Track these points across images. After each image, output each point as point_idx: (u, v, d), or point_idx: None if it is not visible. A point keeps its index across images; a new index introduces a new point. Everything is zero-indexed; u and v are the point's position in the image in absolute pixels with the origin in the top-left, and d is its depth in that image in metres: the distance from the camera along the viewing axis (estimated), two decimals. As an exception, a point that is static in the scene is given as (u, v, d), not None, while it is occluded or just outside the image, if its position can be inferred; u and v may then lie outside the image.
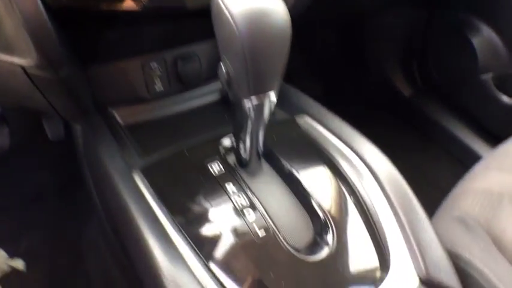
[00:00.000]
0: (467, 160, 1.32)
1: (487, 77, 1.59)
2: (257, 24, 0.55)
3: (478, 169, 0.98)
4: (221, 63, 0.62)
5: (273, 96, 0.63)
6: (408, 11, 1.87)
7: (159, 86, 0.99)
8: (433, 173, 1.69)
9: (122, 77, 0.95)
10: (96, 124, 0.93)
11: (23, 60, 0.76)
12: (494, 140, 1.60)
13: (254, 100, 0.62)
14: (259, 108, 0.64)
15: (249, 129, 0.68)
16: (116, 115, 0.98)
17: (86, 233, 1.43)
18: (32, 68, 0.77)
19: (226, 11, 0.55)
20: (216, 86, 1.07)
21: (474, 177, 0.95)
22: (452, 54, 1.73)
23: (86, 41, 0.87)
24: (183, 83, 1.00)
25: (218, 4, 0.57)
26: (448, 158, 1.74)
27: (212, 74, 1.03)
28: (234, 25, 0.54)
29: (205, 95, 1.06)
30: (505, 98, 1.56)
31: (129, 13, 0.82)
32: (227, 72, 0.61)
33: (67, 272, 1.39)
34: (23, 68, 0.77)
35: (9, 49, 0.76)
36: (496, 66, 1.57)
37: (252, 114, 0.65)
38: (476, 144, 1.69)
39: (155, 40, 0.96)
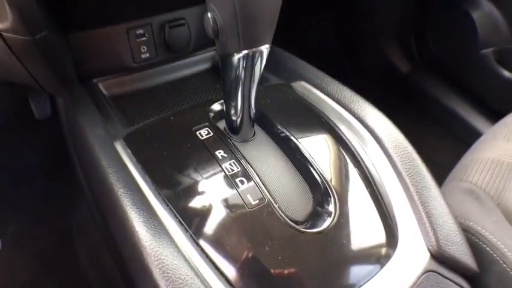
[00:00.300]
0: (468, 137, 1.28)
1: (488, 51, 1.56)
2: None
3: (486, 139, 0.93)
4: (207, 13, 0.55)
5: (265, 52, 0.57)
6: None
7: (145, 54, 0.93)
8: (433, 150, 1.63)
9: (106, 44, 0.90)
10: (78, 95, 0.88)
11: None
12: (494, 115, 1.55)
13: (244, 55, 0.56)
14: (249, 66, 0.58)
15: (239, 90, 0.62)
16: (101, 86, 0.93)
17: (75, 215, 1.40)
18: (8, 32, 0.71)
19: None
20: (207, 54, 1.02)
21: (482, 147, 0.90)
22: (452, 29, 1.68)
23: (66, 3, 0.82)
24: (171, 50, 0.95)
25: None
26: (447, 135, 1.70)
27: (202, 42, 0.99)
28: None
29: (195, 64, 1.02)
30: (505, 73, 1.53)
31: None
32: (214, 21, 0.54)
33: (56, 254, 1.36)
34: None
35: None
36: (496, 41, 1.53)
37: (242, 72, 0.59)
38: (477, 121, 1.65)
39: (141, 5, 0.91)
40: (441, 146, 1.67)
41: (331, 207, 0.61)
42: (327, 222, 0.59)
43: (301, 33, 2.01)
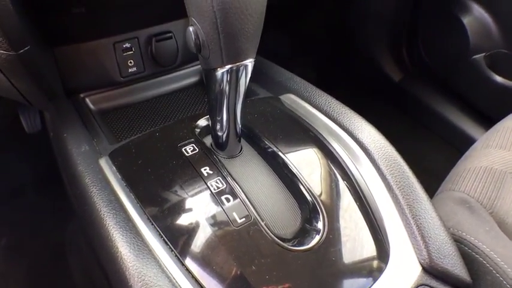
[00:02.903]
0: (460, 143, 1.28)
1: (479, 57, 1.55)
2: None
3: (478, 147, 0.92)
4: (190, 27, 0.54)
5: (249, 66, 0.56)
6: None
7: (132, 68, 0.93)
8: (426, 157, 1.65)
9: (92, 58, 0.90)
10: (64, 110, 0.87)
11: None
12: (487, 122, 1.56)
13: (228, 69, 0.55)
14: (234, 80, 0.57)
15: (224, 105, 0.61)
16: (88, 101, 0.93)
17: (67, 228, 1.38)
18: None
19: None
20: (194, 68, 1.02)
21: (474, 156, 0.89)
22: (443, 35, 1.68)
23: (50, 17, 0.82)
24: (158, 64, 0.95)
25: None
26: (440, 142, 1.70)
27: (190, 55, 0.98)
28: None
29: (183, 78, 1.01)
30: (497, 78, 1.52)
31: None
32: (196, 35, 0.53)
33: (48, 269, 1.35)
34: None
35: None
36: (487, 46, 1.53)
37: (226, 87, 0.57)
38: (469, 127, 1.65)
39: (127, 18, 0.91)
40: (434, 152, 1.67)
41: (319, 224, 0.60)
42: (316, 240, 0.58)
43: (294, 43, 2.01)
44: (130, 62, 0.92)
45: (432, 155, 1.64)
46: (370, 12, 1.92)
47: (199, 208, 0.60)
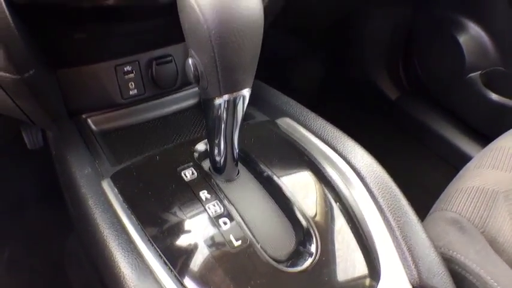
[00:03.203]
0: (456, 161, 1.31)
1: (475, 75, 1.58)
2: (225, 9, 0.50)
3: (470, 167, 0.95)
4: (189, 59, 0.57)
5: (246, 95, 0.59)
6: (392, 10, 1.88)
7: (133, 91, 0.96)
8: (422, 175, 1.68)
9: (94, 81, 0.93)
10: (67, 131, 0.90)
11: None
12: (483, 139, 1.59)
13: (226, 99, 0.58)
14: (231, 109, 0.60)
15: (222, 131, 0.63)
16: (89, 121, 0.95)
17: (67, 243, 1.40)
18: None
19: None
20: (193, 90, 1.05)
21: (467, 176, 0.92)
22: (439, 54, 1.73)
23: (54, 42, 0.85)
24: (158, 86, 0.98)
25: None
26: (436, 160, 1.73)
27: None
28: (198, 11, 0.50)
29: (183, 100, 1.04)
30: (493, 96, 1.55)
31: (97, 10, 0.80)
32: (195, 67, 0.56)
33: (48, 283, 1.37)
34: None
35: None
36: (483, 64, 1.57)
37: (224, 115, 0.60)
38: (465, 145, 1.68)
39: (128, 42, 0.94)
40: (430, 170, 1.71)
41: (313, 247, 0.62)
42: (309, 261, 0.61)
43: (291, 65, 2.05)
44: (131, 85, 0.95)
45: (428, 173, 1.68)
46: (367, 34, 1.98)
47: (197, 230, 0.63)
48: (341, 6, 1.80)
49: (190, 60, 0.57)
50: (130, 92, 0.96)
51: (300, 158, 0.77)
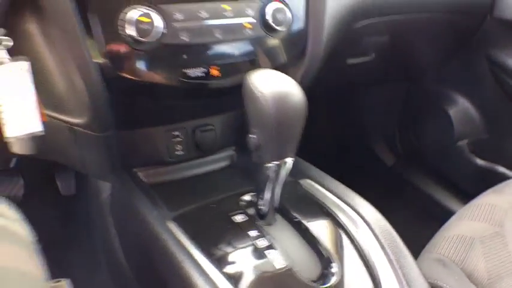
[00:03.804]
0: (444, 217, 1.44)
1: (463, 143, 1.75)
2: (283, 102, 0.73)
3: (452, 220, 1.14)
4: (250, 135, 0.79)
5: (290, 162, 0.81)
6: (390, 85, 2.01)
7: (179, 152, 1.08)
8: (412, 230, 1.69)
9: (148, 141, 1.05)
10: (126, 181, 1.02)
11: (73, 119, 0.87)
12: (468, 198, 1.66)
13: (275, 164, 0.80)
14: (278, 171, 0.81)
15: (269, 188, 0.84)
16: (140, 175, 1.07)
17: (92, 284, 1.45)
18: (80, 127, 0.88)
19: (258, 92, 0.74)
20: (227, 153, 1.19)
21: (449, 227, 1.11)
22: (431, 124, 1.87)
23: (127, 108, 0.95)
24: (200, 150, 1.11)
25: (250, 86, 0.76)
26: (425, 217, 1.82)
27: (225, 143, 1.18)
28: (265, 103, 0.73)
29: (218, 161, 1.19)
30: (478, 161, 1.72)
31: (173, 89, 0.91)
32: (256, 141, 0.78)
33: None
34: (70, 125, 0.88)
35: (59, 108, 0.88)
36: (471, 133, 1.72)
37: (272, 175, 0.82)
38: (451, 203, 1.81)
39: (181, 113, 1.07)
40: (419, 226, 1.72)
41: (334, 269, 0.82)
42: (333, 280, 0.80)
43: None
44: (178, 147, 1.07)
45: (417, 227, 1.70)
46: (366, 104, 2.11)
47: (251, 259, 0.82)
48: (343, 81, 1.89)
49: (252, 136, 0.79)
50: (176, 153, 1.07)
51: (321, 209, 0.97)
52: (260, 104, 0.74)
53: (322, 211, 0.97)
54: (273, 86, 0.75)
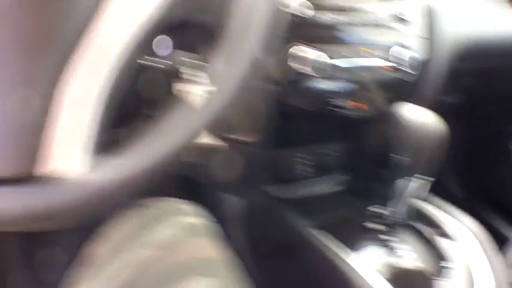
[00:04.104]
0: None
1: None
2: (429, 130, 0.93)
3: None
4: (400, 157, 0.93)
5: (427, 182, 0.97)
6: None
7: (304, 171, 1.16)
8: None
9: (281, 161, 1.12)
10: (264, 196, 1.10)
11: (245, 138, 0.97)
12: None
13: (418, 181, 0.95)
14: (415, 187, 0.99)
15: (403, 202, 0.97)
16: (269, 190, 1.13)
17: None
18: (251, 145, 0.98)
19: (414, 122, 0.92)
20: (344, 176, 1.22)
21: None
22: (495, 163, 1.75)
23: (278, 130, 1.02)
24: (322, 171, 1.19)
25: (406, 117, 0.94)
26: None
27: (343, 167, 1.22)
28: (420, 132, 0.92)
29: (338, 183, 1.22)
30: None
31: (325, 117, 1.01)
32: (406, 162, 0.93)
33: None
34: (241, 143, 0.98)
35: (232, 130, 0.98)
36: None
37: (411, 191, 0.96)
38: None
39: (314, 137, 1.16)
40: None
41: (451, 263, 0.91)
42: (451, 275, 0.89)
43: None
44: (304, 167, 1.14)
45: None
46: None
47: (387, 259, 0.92)
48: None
49: (401, 157, 0.93)
50: (302, 173, 1.15)
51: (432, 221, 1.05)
52: (415, 132, 0.93)
53: (434, 224, 1.05)
54: (420, 117, 0.94)
